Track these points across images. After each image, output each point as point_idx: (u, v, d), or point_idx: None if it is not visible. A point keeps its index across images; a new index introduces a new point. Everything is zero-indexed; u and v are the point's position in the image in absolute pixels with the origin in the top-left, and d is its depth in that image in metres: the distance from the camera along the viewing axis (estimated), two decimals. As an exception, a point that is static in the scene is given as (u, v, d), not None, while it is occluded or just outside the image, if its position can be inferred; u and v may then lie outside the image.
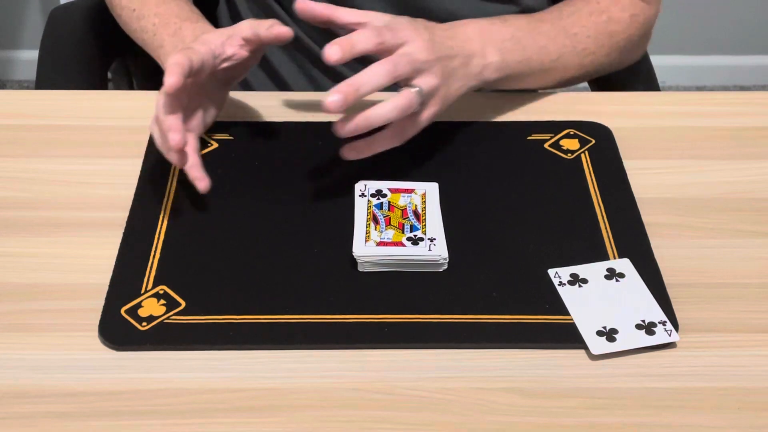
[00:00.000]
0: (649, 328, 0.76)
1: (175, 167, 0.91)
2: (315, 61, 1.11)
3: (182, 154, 0.84)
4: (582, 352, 0.75)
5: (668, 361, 0.75)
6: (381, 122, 0.84)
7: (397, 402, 0.71)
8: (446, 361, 0.74)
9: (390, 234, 0.82)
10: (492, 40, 0.94)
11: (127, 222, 0.85)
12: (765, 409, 0.72)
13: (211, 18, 1.12)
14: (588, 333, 0.76)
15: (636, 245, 0.84)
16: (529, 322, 0.77)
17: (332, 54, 0.82)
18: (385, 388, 0.72)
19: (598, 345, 0.75)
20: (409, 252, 0.81)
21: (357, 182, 0.88)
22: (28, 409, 0.70)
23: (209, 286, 0.79)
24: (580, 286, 0.80)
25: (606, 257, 0.83)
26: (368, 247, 0.81)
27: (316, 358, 0.74)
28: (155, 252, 0.82)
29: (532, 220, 0.87)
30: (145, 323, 0.76)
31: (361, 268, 0.81)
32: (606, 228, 0.86)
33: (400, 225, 0.83)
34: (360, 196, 0.86)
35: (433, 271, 0.81)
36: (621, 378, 0.73)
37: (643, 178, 0.92)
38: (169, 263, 0.81)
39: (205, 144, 0.94)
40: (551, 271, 0.81)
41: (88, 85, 1.15)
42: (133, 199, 0.88)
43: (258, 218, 0.86)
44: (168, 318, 0.77)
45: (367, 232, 0.82)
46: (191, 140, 0.87)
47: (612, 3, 1.02)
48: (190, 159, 0.85)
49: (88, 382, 0.72)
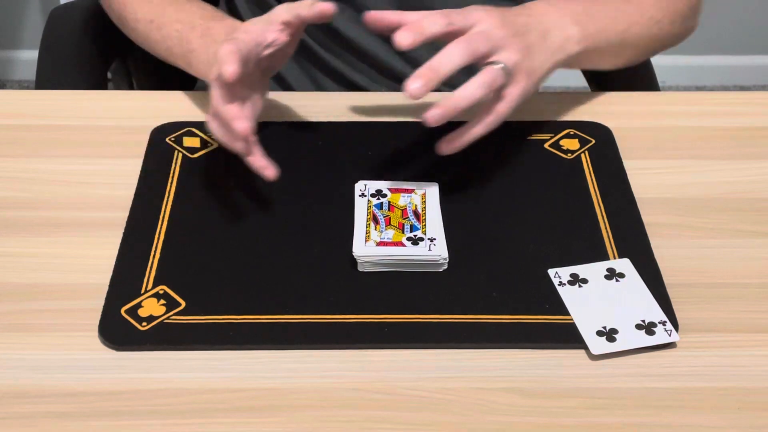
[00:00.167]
0: (649, 328, 0.76)
1: (175, 167, 0.91)
2: (318, 63, 1.11)
3: (248, 142, 0.83)
4: (582, 352, 0.75)
5: (668, 361, 0.75)
6: (468, 103, 0.82)
7: (397, 402, 0.71)
8: (446, 361, 0.74)
9: (390, 234, 0.82)
10: (566, 13, 0.92)
11: (127, 222, 0.85)
12: (765, 409, 0.72)
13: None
14: (588, 333, 0.76)
15: (636, 245, 0.84)
16: (529, 322, 0.77)
17: (403, 39, 0.81)
18: (385, 388, 0.72)
19: (598, 345, 0.75)
20: (409, 252, 0.81)
21: (357, 182, 0.88)
22: (28, 409, 0.70)
23: (209, 286, 0.79)
24: (580, 286, 0.80)
25: (606, 257, 0.83)
26: (368, 247, 0.81)
27: (316, 358, 0.74)
28: (155, 252, 0.82)
29: (532, 220, 0.87)
30: (145, 323, 0.76)
31: (361, 268, 0.81)
32: (606, 228, 0.86)
33: (400, 225, 0.83)
34: (360, 196, 0.86)
35: (433, 271, 0.81)
36: (621, 378, 0.73)
37: (643, 178, 0.92)
38: (169, 263, 0.81)
39: (205, 144, 0.94)
40: (551, 271, 0.81)
41: (88, 85, 1.15)
42: (133, 199, 0.88)
43: (258, 218, 0.86)
44: (168, 318, 0.77)
45: (367, 232, 0.82)
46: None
47: None
48: (254, 149, 0.84)
49: (88, 382, 0.72)
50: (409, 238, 0.82)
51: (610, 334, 0.75)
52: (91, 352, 0.75)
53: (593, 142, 0.96)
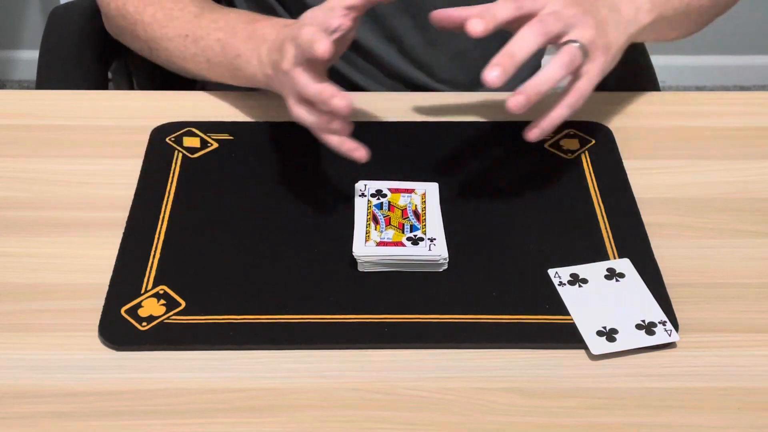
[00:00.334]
0: (649, 328, 0.76)
1: (175, 167, 0.91)
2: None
3: (345, 121, 0.82)
4: (582, 352, 0.75)
5: (668, 361, 0.75)
6: (550, 85, 0.82)
7: (397, 402, 0.71)
8: (446, 361, 0.74)
9: (390, 234, 0.82)
10: None
11: (127, 222, 0.85)
12: (765, 409, 0.72)
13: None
14: (588, 333, 0.76)
15: (636, 245, 0.84)
16: (529, 322, 0.77)
17: (476, 26, 0.80)
18: (385, 388, 0.72)
19: (598, 345, 0.75)
20: (409, 252, 0.81)
21: (357, 182, 0.88)
22: (28, 409, 0.70)
23: (209, 286, 0.79)
24: (580, 286, 0.80)
25: (606, 257, 0.83)
26: (368, 247, 0.81)
27: (316, 358, 0.74)
28: (155, 252, 0.82)
29: (532, 220, 0.87)
30: (145, 323, 0.76)
31: (361, 268, 0.81)
32: (606, 228, 0.86)
33: (400, 225, 0.83)
34: (360, 196, 0.86)
35: (433, 271, 0.81)
36: (621, 378, 0.73)
37: (643, 178, 0.92)
38: (169, 263, 0.81)
39: (205, 144, 0.94)
40: (551, 271, 0.81)
41: (88, 85, 1.15)
42: (133, 199, 0.88)
43: (258, 218, 0.86)
44: (168, 318, 0.77)
45: (367, 232, 0.82)
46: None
47: None
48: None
49: (88, 382, 0.72)
50: (409, 238, 0.82)
51: (610, 334, 0.75)
52: (91, 352, 0.75)
53: (593, 142, 0.96)
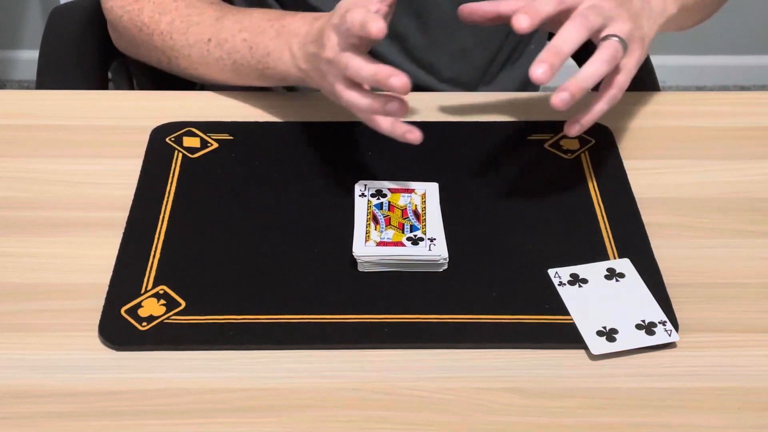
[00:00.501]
0: (649, 328, 0.76)
1: (175, 167, 0.91)
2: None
3: (402, 101, 0.82)
4: (582, 352, 0.75)
5: (668, 361, 0.75)
6: (594, 81, 0.82)
7: (397, 402, 0.71)
8: (446, 361, 0.74)
9: (390, 234, 0.82)
10: None
11: (127, 222, 0.85)
12: (765, 409, 0.72)
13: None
14: (588, 333, 0.76)
15: (636, 245, 0.84)
16: (529, 322, 0.77)
17: (521, 22, 0.80)
18: (385, 388, 0.72)
19: (598, 345, 0.75)
20: (409, 252, 0.81)
21: (357, 182, 0.88)
22: (28, 409, 0.70)
23: (209, 286, 0.79)
24: (580, 286, 0.80)
25: (606, 257, 0.83)
26: (368, 247, 0.81)
27: (316, 358, 0.74)
28: (155, 252, 0.82)
29: (532, 220, 0.87)
30: (145, 323, 0.76)
31: (361, 268, 0.81)
32: (606, 228, 0.86)
33: (400, 225, 0.83)
34: (360, 196, 0.86)
35: (433, 271, 0.81)
36: (621, 378, 0.73)
37: (643, 178, 0.92)
38: (169, 263, 0.81)
39: (205, 144, 0.94)
40: (551, 271, 0.81)
41: (88, 85, 1.15)
42: (133, 199, 0.88)
43: (258, 218, 0.86)
44: (168, 318, 0.77)
45: (367, 232, 0.82)
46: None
47: None
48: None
49: (88, 382, 0.72)
50: (409, 238, 0.82)
51: (610, 334, 0.75)
52: (91, 352, 0.75)
53: (593, 142, 0.96)
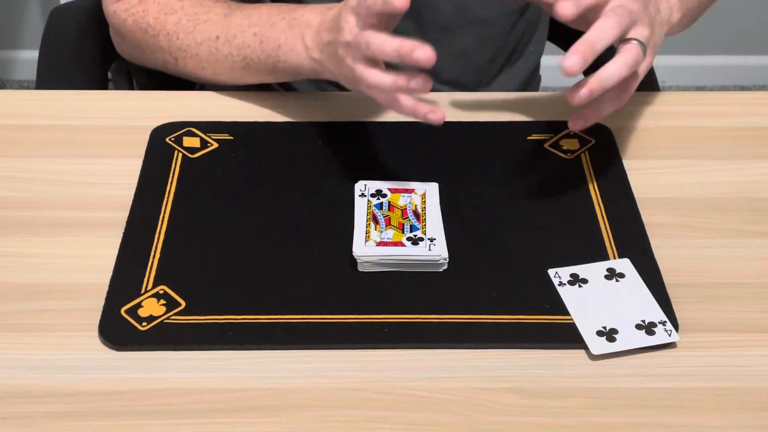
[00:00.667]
0: (649, 328, 0.76)
1: (175, 167, 0.91)
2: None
3: (426, 77, 0.80)
4: (582, 352, 0.75)
5: (668, 361, 0.75)
6: (614, 82, 0.82)
7: (397, 402, 0.71)
8: (446, 361, 0.74)
9: (390, 234, 0.82)
10: None
11: (127, 222, 0.85)
12: (765, 409, 0.72)
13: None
14: (588, 333, 0.76)
15: (636, 245, 0.84)
16: (529, 322, 0.77)
17: (566, 9, 0.80)
18: (385, 388, 0.72)
19: (598, 345, 0.75)
20: (409, 252, 0.81)
21: (357, 182, 0.88)
22: (28, 409, 0.70)
23: (209, 286, 0.79)
24: (580, 286, 0.80)
25: (606, 257, 0.83)
26: (368, 247, 0.81)
27: (316, 358, 0.74)
28: (155, 252, 0.82)
29: (532, 220, 0.87)
30: (145, 323, 0.76)
31: (361, 268, 0.81)
32: (606, 228, 0.86)
33: (400, 225, 0.83)
34: (360, 196, 0.86)
35: (433, 271, 0.81)
36: (621, 378, 0.73)
37: (643, 178, 0.92)
38: (169, 263, 0.81)
39: (205, 144, 0.94)
40: (551, 271, 0.81)
41: (88, 85, 1.15)
42: (133, 199, 0.88)
43: (258, 218, 0.86)
44: (168, 318, 0.77)
45: (367, 232, 0.82)
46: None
47: None
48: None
49: (88, 382, 0.72)
50: (409, 238, 0.82)
51: (610, 334, 0.75)
52: (91, 352, 0.75)
53: (593, 142, 0.96)
